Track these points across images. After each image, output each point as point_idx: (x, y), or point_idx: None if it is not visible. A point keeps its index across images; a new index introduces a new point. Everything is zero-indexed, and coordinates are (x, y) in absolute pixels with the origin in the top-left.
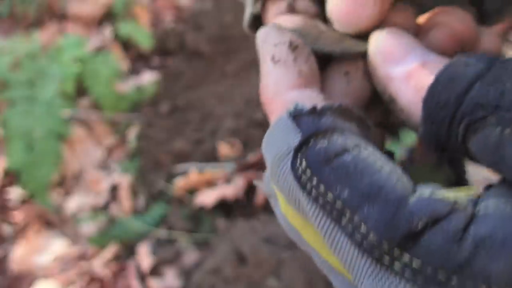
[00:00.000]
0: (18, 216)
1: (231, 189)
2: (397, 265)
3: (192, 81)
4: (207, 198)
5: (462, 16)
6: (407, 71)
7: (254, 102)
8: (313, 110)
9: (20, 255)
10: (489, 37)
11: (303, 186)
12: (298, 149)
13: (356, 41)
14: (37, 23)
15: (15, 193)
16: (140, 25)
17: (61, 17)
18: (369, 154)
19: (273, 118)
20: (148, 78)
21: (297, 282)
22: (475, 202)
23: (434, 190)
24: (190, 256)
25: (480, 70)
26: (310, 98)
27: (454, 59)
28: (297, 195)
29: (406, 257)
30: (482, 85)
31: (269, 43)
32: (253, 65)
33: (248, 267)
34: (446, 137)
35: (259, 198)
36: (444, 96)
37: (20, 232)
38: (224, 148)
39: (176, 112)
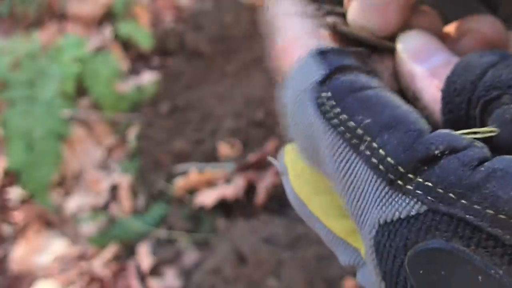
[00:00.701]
0: (18, 216)
1: (231, 189)
2: (408, 187)
3: (192, 81)
4: (207, 198)
5: (493, 22)
6: (431, 69)
7: (254, 102)
8: (339, 49)
9: (20, 255)
10: None
11: (323, 114)
12: (322, 81)
13: (383, 40)
14: (37, 23)
15: (15, 193)
16: (140, 25)
17: (61, 17)
18: (391, 94)
19: (290, 64)
20: (148, 78)
21: (297, 282)
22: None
23: (452, 130)
24: (190, 256)
25: (494, 59)
26: (334, 44)
27: (469, 54)
28: (315, 129)
29: (419, 179)
30: (495, 70)
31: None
32: (253, 65)
33: (248, 267)
34: (464, 123)
35: (259, 198)
36: (460, 84)
37: (20, 232)
38: (224, 148)
39: (176, 112)
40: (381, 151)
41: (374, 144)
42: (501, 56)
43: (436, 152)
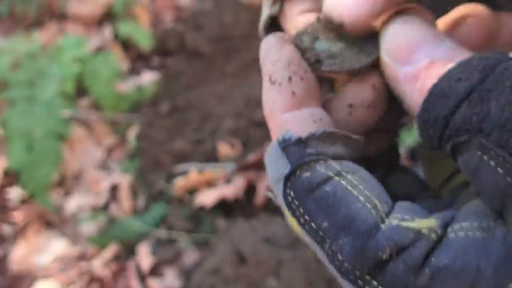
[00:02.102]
0: (18, 216)
1: (231, 189)
2: None
3: (192, 81)
4: (207, 198)
5: (486, 9)
6: (413, 72)
7: (254, 102)
8: (299, 140)
9: (20, 255)
10: (508, 27)
11: (293, 213)
12: (287, 179)
13: (362, 49)
14: (37, 23)
15: (15, 193)
16: (140, 25)
17: (61, 17)
18: (348, 182)
19: (272, 135)
20: (148, 78)
21: (297, 282)
22: (447, 224)
23: (403, 217)
24: (190, 256)
25: (471, 86)
26: (302, 120)
27: (448, 71)
28: (289, 218)
29: (374, 283)
30: (469, 106)
31: (268, 60)
32: (253, 65)
33: (248, 267)
34: (438, 150)
35: (259, 198)
36: (434, 115)
37: (20, 232)
38: (224, 148)
39: (176, 112)
40: (339, 255)
41: (334, 247)
42: (484, 73)
43: (385, 256)
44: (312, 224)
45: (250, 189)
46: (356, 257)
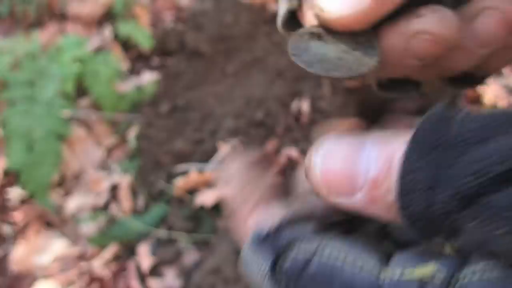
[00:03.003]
0: (18, 216)
1: None
2: None
3: (192, 81)
4: (207, 198)
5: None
6: (366, 197)
7: (254, 102)
8: (270, 231)
9: (20, 255)
10: None
11: None
12: (271, 276)
13: (359, 52)
14: (37, 23)
15: (15, 193)
16: (140, 25)
17: (61, 17)
18: (330, 251)
19: (245, 238)
20: (148, 78)
21: None
22: (457, 269)
23: (404, 270)
24: (190, 256)
25: (430, 172)
26: (272, 213)
27: (403, 159)
28: None
29: None
30: (439, 193)
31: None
32: (253, 65)
33: None
34: (429, 239)
35: None
36: (410, 213)
37: (20, 232)
38: (224, 148)
39: (176, 112)
40: None
41: None
42: (436, 162)
43: None
44: None
45: None
46: None
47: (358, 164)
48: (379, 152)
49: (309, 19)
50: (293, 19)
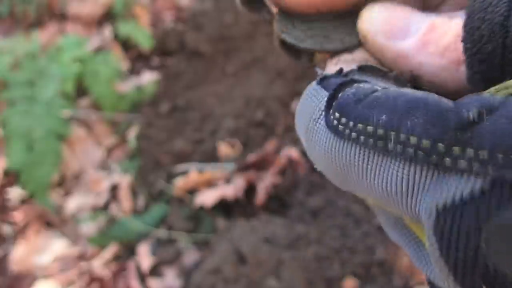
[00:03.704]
0: (18, 216)
1: (231, 189)
2: (461, 163)
3: (192, 81)
4: (207, 198)
5: None
6: (419, 39)
7: (254, 102)
8: (340, 71)
9: (20, 255)
10: None
11: (341, 135)
12: (328, 105)
13: (342, 27)
14: (37, 23)
15: (15, 193)
16: (140, 25)
17: (61, 17)
18: (401, 89)
19: None
20: (148, 78)
21: (297, 282)
22: None
23: (489, 92)
24: (190, 256)
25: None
26: (340, 64)
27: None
28: (336, 151)
29: (469, 152)
30: None
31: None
32: (253, 65)
33: (248, 267)
34: (500, 71)
35: (259, 198)
36: (486, 29)
37: (20, 232)
38: (224, 148)
39: (176, 112)
40: (411, 138)
41: (402, 135)
42: None
43: (471, 115)
44: (368, 129)
45: (250, 189)
46: (433, 125)
47: (416, 14)
48: (435, 16)
49: None
50: None
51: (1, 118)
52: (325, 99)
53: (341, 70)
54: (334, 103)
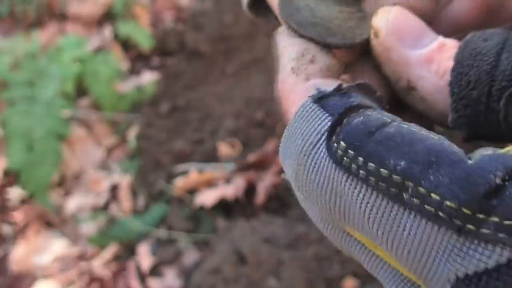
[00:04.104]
0: (18, 216)
1: (231, 189)
2: (485, 231)
3: (192, 81)
4: (207, 198)
5: None
6: (426, 54)
7: (254, 102)
8: (339, 88)
9: (20, 255)
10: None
11: (346, 169)
12: (331, 131)
13: (355, 21)
14: (37, 23)
15: (15, 193)
16: (140, 25)
17: (61, 17)
18: (410, 125)
19: (292, 109)
20: (148, 78)
21: (297, 282)
22: None
23: (494, 149)
24: (190, 256)
25: (502, 41)
26: (334, 83)
27: (469, 37)
28: (337, 183)
29: (494, 219)
30: (509, 55)
31: (286, 52)
32: (253, 65)
33: (248, 267)
34: (484, 118)
35: (259, 198)
36: (473, 75)
37: (20, 232)
38: (224, 148)
39: (176, 112)
40: (433, 195)
41: (422, 189)
42: (505, 34)
43: (498, 181)
44: (382, 171)
45: (250, 189)
46: (461, 189)
47: (430, 30)
48: (446, 38)
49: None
50: (260, 2)
51: (1, 118)
52: (326, 122)
53: (339, 87)
54: (338, 130)
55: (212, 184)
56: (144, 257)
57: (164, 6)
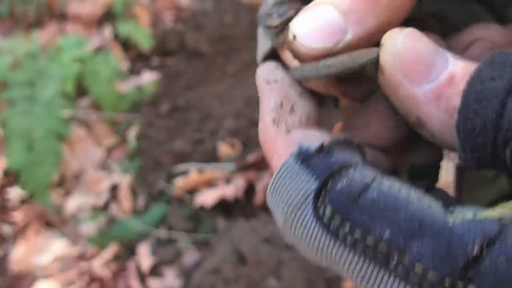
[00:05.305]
0: (18, 216)
1: (231, 189)
2: None
3: (192, 81)
4: (207, 198)
5: (501, 29)
6: (434, 90)
7: (254, 102)
8: (321, 148)
9: (20, 255)
10: None
11: (333, 234)
12: (317, 195)
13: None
14: (37, 23)
15: (15, 193)
16: (140, 25)
17: (61, 17)
18: (391, 184)
19: (275, 161)
20: (148, 78)
21: (297, 282)
22: None
23: (475, 211)
24: (190, 256)
25: (509, 83)
26: (313, 135)
27: (476, 71)
28: (325, 246)
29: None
30: None
31: (267, 91)
32: (253, 65)
33: (248, 267)
34: (491, 162)
35: (259, 198)
36: (478, 121)
37: (20, 232)
38: (224, 148)
39: (176, 112)
40: (418, 266)
41: (407, 258)
42: None
43: (475, 252)
44: (368, 240)
45: (250, 189)
46: (443, 261)
47: (439, 55)
48: (460, 57)
49: (289, 57)
50: (274, 55)
51: (1, 118)
52: (311, 185)
53: (322, 146)
54: (324, 194)
55: (212, 184)
56: (144, 257)
57: (164, 6)
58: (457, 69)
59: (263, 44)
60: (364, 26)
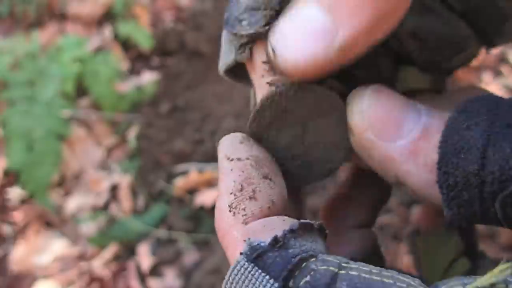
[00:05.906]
0: (18, 216)
1: None
2: None
3: (192, 81)
4: (207, 198)
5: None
6: (409, 146)
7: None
8: (275, 241)
9: (20, 255)
10: None
11: None
12: None
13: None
14: (37, 23)
15: (15, 193)
16: (140, 25)
17: (61, 17)
18: (358, 268)
19: (229, 254)
20: (148, 78)
21: None
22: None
23: (463, 283)
24: (190, 256)
25: (486, 130)
26: (277, 224)
27: (451, 120)
28: None
29: None
30: (496, 152)
31: (227, 169)
32: None
33: None
34: (481, 216)
35: None
36: (460, 176)
37: (20, 232)
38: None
39: (176, 112)
40: None
41: None
42: (489, 121)
43: None
44: None
45: None
46: None
47: (410, 108)
48: (431, 108)
49: (259, 70)
50: (239, 66)
51: (1, 118)
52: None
53: (276, 239)
54: None
55: (212, 184)
56: (144, 257)
57: (164, 6)
58: (431, 121)
59: (227, 53)
60: (356, 21)
